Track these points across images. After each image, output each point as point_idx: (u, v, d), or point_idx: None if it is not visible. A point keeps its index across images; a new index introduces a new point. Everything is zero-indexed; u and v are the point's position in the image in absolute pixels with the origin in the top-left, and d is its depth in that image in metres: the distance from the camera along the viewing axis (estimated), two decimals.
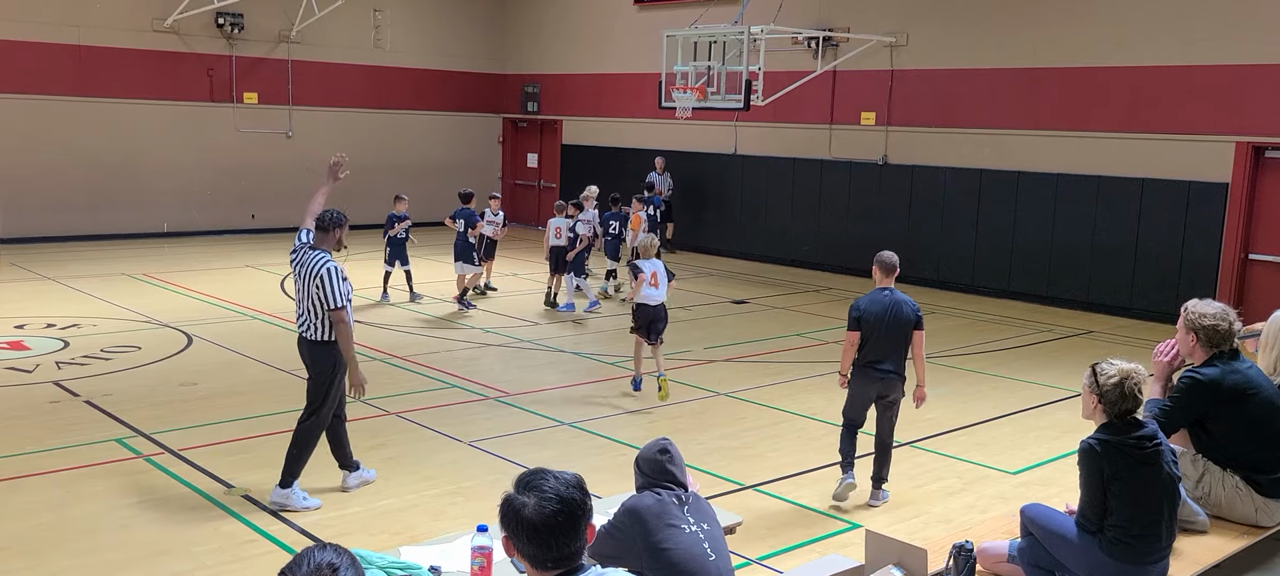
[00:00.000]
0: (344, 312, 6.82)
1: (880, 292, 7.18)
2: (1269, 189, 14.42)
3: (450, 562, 4.62)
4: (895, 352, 7.14)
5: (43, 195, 19.12)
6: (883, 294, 7.17)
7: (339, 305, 6.80)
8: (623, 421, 9.28)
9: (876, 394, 7.23)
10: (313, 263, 6.86)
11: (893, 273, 7.26)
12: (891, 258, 7.30)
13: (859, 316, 7.11)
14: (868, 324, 7.08)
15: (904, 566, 4.97)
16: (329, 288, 6.77)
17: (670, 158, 21.02)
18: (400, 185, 19.45)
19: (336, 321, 6.81)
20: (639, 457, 4.52)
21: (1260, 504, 5.53)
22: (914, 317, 7.12)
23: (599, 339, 12.87)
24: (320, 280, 6.79)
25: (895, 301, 7.11)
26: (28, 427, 8.51)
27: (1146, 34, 15.08)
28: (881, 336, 7.08)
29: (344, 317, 6.83)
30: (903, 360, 7.21)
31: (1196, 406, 5.52)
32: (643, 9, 21.62)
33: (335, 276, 6.81)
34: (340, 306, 6.80)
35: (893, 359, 7.14)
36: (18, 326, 12.25)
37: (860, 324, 7.10)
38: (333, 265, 6.86)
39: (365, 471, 7.43)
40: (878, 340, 7.09)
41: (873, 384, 7.18)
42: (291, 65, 21.70)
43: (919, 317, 7.15)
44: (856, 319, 7.11)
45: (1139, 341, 13.59)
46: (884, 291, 7.18)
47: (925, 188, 17.54)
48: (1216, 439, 5.58)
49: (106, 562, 6.07)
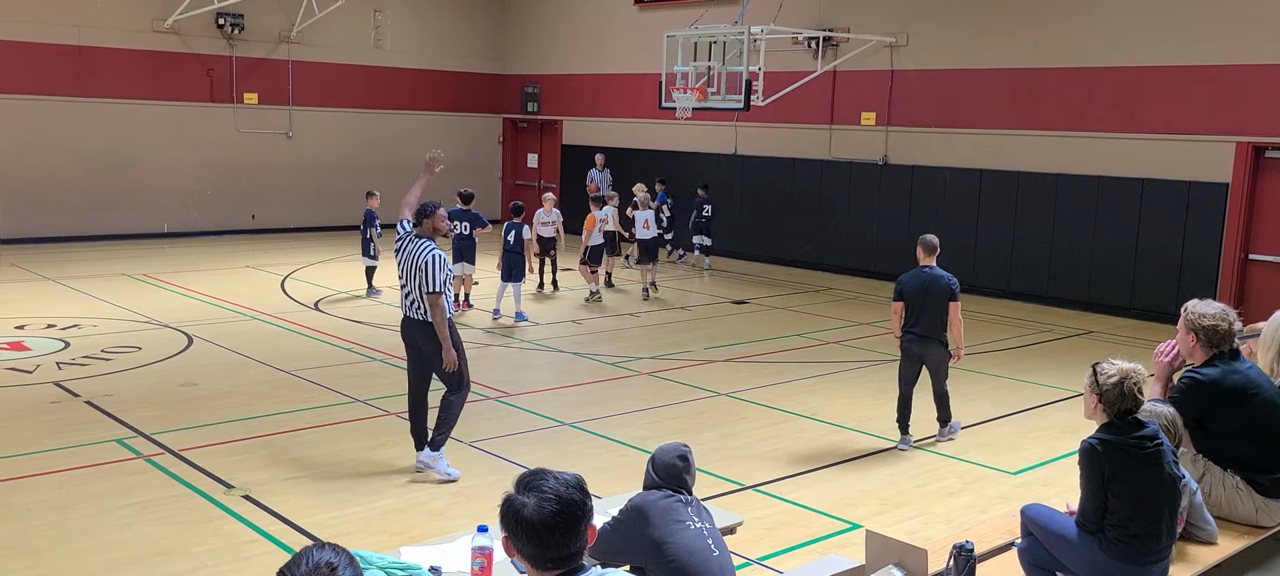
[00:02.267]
0: (440, 297, 7.47)
1: (921, 270, 8.32)
2: (1269, 189, 14.42)
3: (450, 562, 4.61)
4: (933, 321, 8.28)
5: (43, 195, 19.13)
6: (923, 271, 8.30)
7: (436, 289, 7.46)
8: (623, 421, 9.28)
9: (919, 356, 8.42)
10: (418, 250, 7.53)
11: (934, 253, 8.38)
12: (932, 239, 8.45)
13: (901, 289, 8.38)
14: (908, 296, 8.33)
15: (904, 566, 4.96)
16: (429, 272, 7.45)
17: (670, 157, 21.05)
18: (399, 185, 19.48)
19: (433, 304, 7.46)
20: (654, 458, 4.53)
21: (1260, 504, 5.53)
22: (949, 290, 8.24)
23: (599, 339, 12.87)
24: (423, 265, 7.45)
25: (933, 276, 8.26)
26: (28, 428, 8.52)
27: (1146, 34, 15.08)
28: (920, 308, 8.27)
29: (439, 302, 7.47)
30: (940, 328, 8.35)
31: (1198, 406, 5.52)
32: (643, 9, 21.63)
33: (437, 263, 7.49)
34: (437, 291, 7.46)
35: (931, 327, 8.30)
36: (18, 326, 12.26)
37: (902, 296, 8.36)
38: (437, 253, 7.55)
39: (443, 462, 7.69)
40: (918, 311, 8.29)
41: (915, 349, 8.38)
42: (291, 65, 21.71)
43: (954, 290, 8.26)
44: (899, 292, 8.39)
45: (1139, 341, 13.59)
46: (925, 269, 8.31)
47: (925, 188, 17.54)
48: (1217, 439, 5.58)
49: (106, 562, 6.08)
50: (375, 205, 15.08)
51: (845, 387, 10.71)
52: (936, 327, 8.34)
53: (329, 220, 21.89)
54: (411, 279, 7.53)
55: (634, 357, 11.79)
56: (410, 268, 7.53)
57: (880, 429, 9.23)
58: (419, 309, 7.55)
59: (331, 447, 8.26)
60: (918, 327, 8.34)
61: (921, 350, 8.40)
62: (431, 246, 7.56)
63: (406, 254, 7.59)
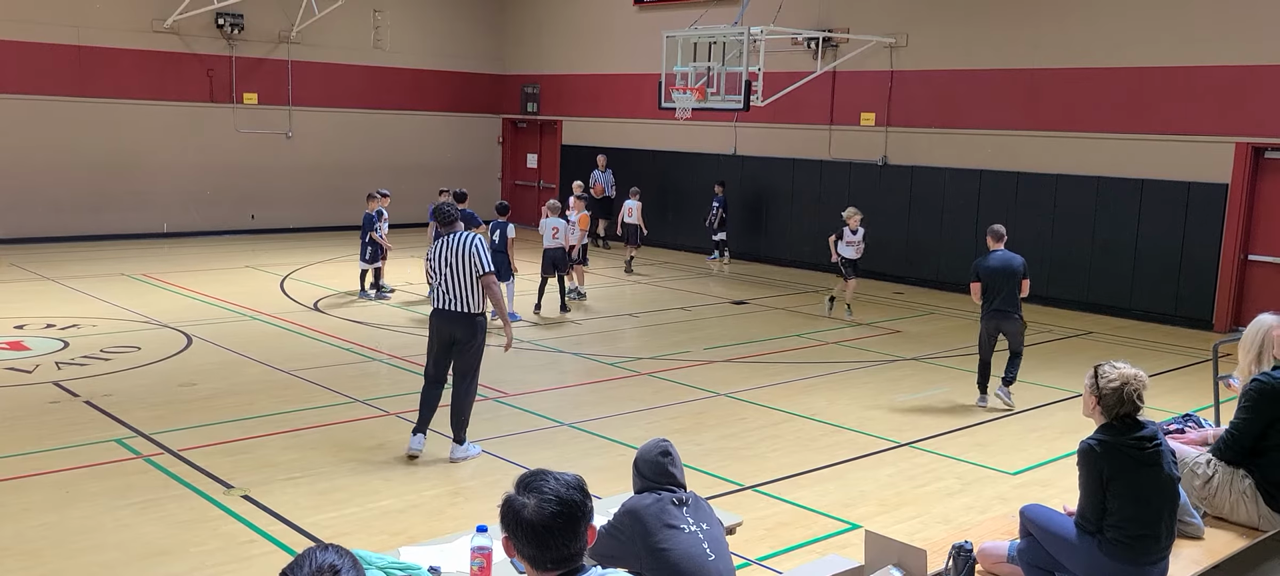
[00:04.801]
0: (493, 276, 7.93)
1: (994, 254, 9.87)
2: (1269, 189, 14.42)
3: (450, 563, 4.61)
4: (1011, 296, 9.77)
5: (43, 195, 19.13)
6: (998, 254, 9.85)
7: (487, 270, 7.86)
8: (623, 421, 9.28)
9: (998, 327, 9.89)
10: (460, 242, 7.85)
11: (1001, 239, 10.01)
12: (1000, 228, 10.11)
13: (979, 271, 9.84)
14: (986, 276, 9.79)
15: (904, 567, 4.96)
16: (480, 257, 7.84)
17: (671, 157, 21.06)
18: (399, 185, 19.51)
19: (489, 284, 7.88)
20: (638, 459, 4.52)
21: (1265, 513, 5.51)
22: (1022, 268, 9.82)
23: (599, 339, 12.87)
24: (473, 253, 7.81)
25: (1009, 257, 9.84)
26: (28, 428, 8.51)
27: (1146, 34, 15.08)
28: (999, 284, 9.75)
29: (493, 280, 7.95)
30: (1016, 301, 9.82)
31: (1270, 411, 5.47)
32: (643, 9, 21.62)
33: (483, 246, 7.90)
34: (489, 271, 7.87)
35: (1008, 301, 9.78)
36: (18, 326, 12.26)
37: (980, 277, 9.81)
38: (480, 239, 7.95)
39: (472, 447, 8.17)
40: (996, 288, 9.76)
41: (995, 321, 9.86)
42: (291, 66, 21.70)
43: (1025, 267, 9.84)
44: (977, 273, 9.85)
45: (1139, 342, 13.61)
46: (997, 252, 9.87)
47: (925, 188, 17.54)
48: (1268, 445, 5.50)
49: (106, 562, 6.07)
50: (374, 207, 14.91)
51: (845, 387, 10.71)
52: (1014, 301, 9.83)
53: (328, 220, 21.88)
54: (458, 271, 7.80)
55: (633, 358, 11.79)
56: (456, 261, 7.80)
57: (880, 429, 9.23)
58: (459, 302, 7.83)
59: (331, 447, 8.26)
60: (998, 303, 9.77)
61: (1001, 323, 9.86)
62: (474, 235, 7.92)
63: (447, 250, 7.84)
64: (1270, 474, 5.49)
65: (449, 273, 7.86)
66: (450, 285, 7.87)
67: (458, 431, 8.06)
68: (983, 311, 9.92)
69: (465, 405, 8.05)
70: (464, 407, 8.05)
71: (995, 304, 9.81)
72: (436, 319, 8.01)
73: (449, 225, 8.02)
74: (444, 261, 7.87)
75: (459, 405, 8.03)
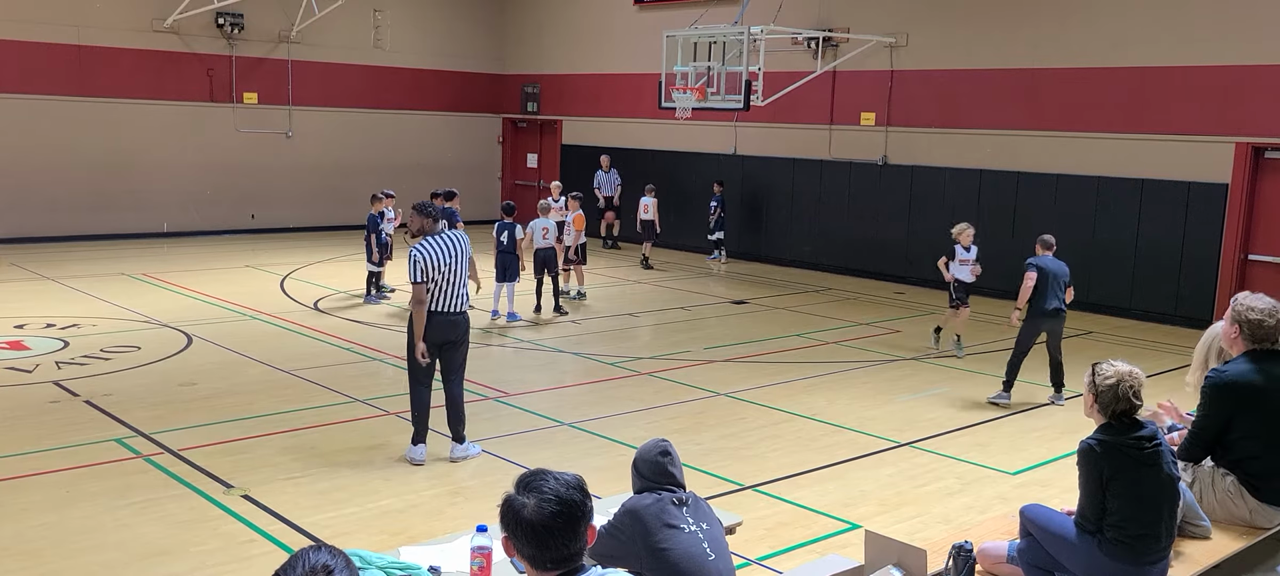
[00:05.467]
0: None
1: (1047, 258, 10.25)
2: (1269, 189, 14.42)
3: (450, 563, 4.60)
4: (1058, 297, 10.13)
5: (43, 195, 19.13)
6: (1049, 259, 10.25)
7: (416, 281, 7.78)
8: (623, 421, 9.28)
9: (1043, 328, 10.22)
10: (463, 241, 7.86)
11: (1051, 248, 10.41)
12: (1050, 238, 10.54)
13: (1039, 267, 10.13)
14: (1042, 275, 10.09)
15: (903, 566, 4.96)
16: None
17: (671, 158, 21.05)
18: (399, 185, 19.49)
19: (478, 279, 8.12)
20: (637, 459, 4.51)
21: (1254, 507, 5.50)
22: (1067, 274, 10.28)
23: (598, 339, 12.87)
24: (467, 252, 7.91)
25: (1059, 263, 10.27)
26: (28, 428, 8.51)
27: (1146, 34, 15.08)
28: (1050, 286, 10.08)
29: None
30: (1063, 301, 10.16)
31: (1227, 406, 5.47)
32: (643, 9, 21.62)
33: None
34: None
35: (1057, 301, 10.12)
36: (18, 326, 12.25)
37: (1035, 271, 10.11)
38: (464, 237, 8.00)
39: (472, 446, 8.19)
40: (1048, 289, 10.08)
41: (1042, 321, 10.14)
42: (291, 65, 21.70)
43: (1069, 273, 10.29)
44: (1037, 268, 10.13)
45: (1139, 341, 13.60)
46: (1048, 257, 10.28)
47: (925, 188, 17.54)
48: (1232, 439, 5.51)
49: (106, 562, 6.07)
50: (378, 208, 14.87)
51: (845, 387, 10.71)
52: (1060, 301, 10.21)
53: (328, 220, 21.89)
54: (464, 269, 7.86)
55: (633, 358, 11.79)
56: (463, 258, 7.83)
57: (880, 429, 9.23)
58: (465, 300, 7.89)
59: (331, 448, 8.26)
60: (1048, 303, 10.09)
61: (1049, 323, 10.20)
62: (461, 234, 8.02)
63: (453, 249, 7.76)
64: (1249, 466, 5.49)
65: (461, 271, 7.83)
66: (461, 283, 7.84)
67: (457, 430, 8.07)
68: (1031, 310, 10.17)
69: (463, 402, 8.07)
70: (462, 404, 8.05)
71: (1047, 304, 10.09)
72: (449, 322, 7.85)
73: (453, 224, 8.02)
74: (454, 261, 7.80)
75: (457, 403, 8.01)
